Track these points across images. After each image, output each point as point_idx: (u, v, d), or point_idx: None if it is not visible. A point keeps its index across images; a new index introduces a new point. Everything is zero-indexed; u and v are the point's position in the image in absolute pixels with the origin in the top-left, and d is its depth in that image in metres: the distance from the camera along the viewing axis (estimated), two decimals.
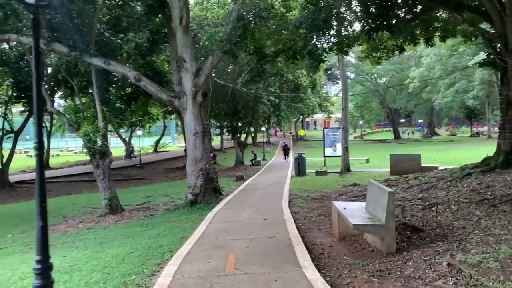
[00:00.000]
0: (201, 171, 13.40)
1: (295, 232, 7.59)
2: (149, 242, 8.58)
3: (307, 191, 14.30)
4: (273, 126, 59.35)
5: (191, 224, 10.36)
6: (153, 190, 21.83)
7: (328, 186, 15.53)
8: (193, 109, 13.39)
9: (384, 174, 18.18)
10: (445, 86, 49.94)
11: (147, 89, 13.55)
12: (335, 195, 13.00)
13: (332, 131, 27.30)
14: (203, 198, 13.33)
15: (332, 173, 20.23)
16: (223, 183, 20.69)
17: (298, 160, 20.13)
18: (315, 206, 11.03)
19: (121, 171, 36.81)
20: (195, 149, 13.46)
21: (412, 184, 11.60)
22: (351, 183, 15.62)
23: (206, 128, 13.61)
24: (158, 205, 15.81)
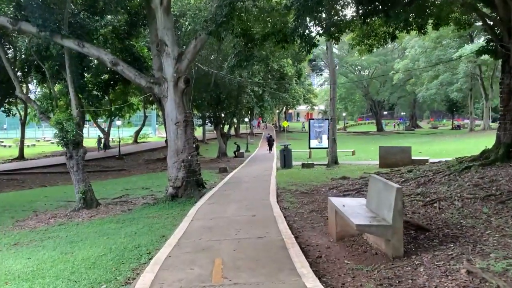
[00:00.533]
0: (182, 163, 12.55)
1: (287, 231, 6.86)
2: (125, 241, 7.74)
3: (294, 184, 13.60)
4: (256, 117, 58.59)
5: (172, 220, 9.56)
6: (132, 183, 20.86)
7: (316, 179, 14.88)
8: (175, 97, 12.49)
9: (372, 166, 17.63)
10: (429, 78, 49.88)
11: (124, 75, 12.57)
12: (325, 189, 12.33)
13: (318, 123, 26.71)
14: (185, 192, 12.50)
15: (319, 166, 19.61)
16: (206, 175, 19.86)
17: (284, 152, 19.42)
18: (305, 201, 10.33)
19: (99, 162, 35.59)
20: (177, 140, 12.58)
21: (407, 177, 11.00)
22: (340, 176, 15.00)
23: (188, 117, 12.74)
24: (136, 198, 14.91)
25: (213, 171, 22.17)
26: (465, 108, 69.89)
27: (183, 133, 12.58)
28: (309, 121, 26.74)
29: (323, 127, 26.42)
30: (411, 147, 16.89)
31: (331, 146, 18.63)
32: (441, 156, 21.84)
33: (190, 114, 12.89)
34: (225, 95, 27.74)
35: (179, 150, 12.59)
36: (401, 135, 61.02)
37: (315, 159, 25.16)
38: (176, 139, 12.59)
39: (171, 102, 12.54)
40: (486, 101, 47.34)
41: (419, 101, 61.24)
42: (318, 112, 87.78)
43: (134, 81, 12.68)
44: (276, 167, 19.95)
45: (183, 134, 12.58)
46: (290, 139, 53.28)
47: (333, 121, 18.75)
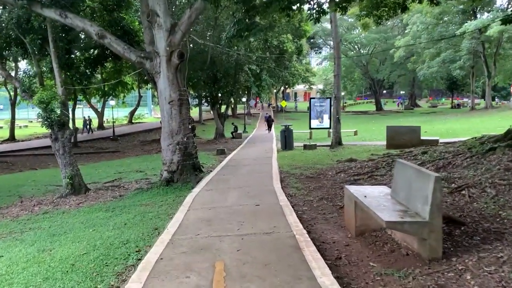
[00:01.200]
0: (178, 146, 11.58)
1: (297, 225, 5.95)
2: (113, 235, 6.83)
3: (298, 167, 12.69)
4: (253, 97, 57.41)
5: (167, 209, 8.66)
6: (126, 165, 19.91)
7: (321, 161, 13.96)
8: (168, 73, 11.42)
9: (380, 147, 16.71)
10: (430, 56, 48.63)
11: (112, 48, 11.45)
12: (332, 172, 11.42)
13: (319, 102, 25.67)
14: (181, 177, 11.56)
15: (322, 147, 18.68)
16: (202, 157, 18.91)
17: (284, 132, 18.44)
18: (313, 187, 9.41)
19: (92, 144, 34.62)
20: (171, 120, 11.58)
21: (423, 160, 10.07)
22: (346, 158, 14.09)
23: (183, 96, 11.71)
24: (130, 182, 13.99)
25: (210, 153, 21.23)
26: (465, 86, 68.88)
27: (178, 113, 11.57)
28: (310, 100, 25.70)
29: (325, 106, 25.41)
30: (420, 127, 15.95)
31: (334, 126, 17.66)
32: (448, 136, 20.95)
33: (185, 92, 11.84)
34: (222, 73, 26.58)
35: (174, 131, 11.59)
36: (401, 114, 60.07)
37: (316, 139, 24.22)
38: (170, 120, 11.58)
39: (164, 79, 11.48)
40: (488, 79, 46.29)
41: (419, 79, 60.02)
42: (316, 92, 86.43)
43: (123, 56, 11.57)
44: (277, 149, 19.00)
45: (178, 114, 11.57)
46: (288, 119, 52.25)
47: (337, 99, 17.75)
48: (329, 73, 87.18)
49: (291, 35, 28.18)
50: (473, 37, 42.01)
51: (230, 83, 26.84)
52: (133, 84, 46.50)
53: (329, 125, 25.40)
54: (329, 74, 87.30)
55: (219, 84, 26.61)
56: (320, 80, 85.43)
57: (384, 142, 18.37)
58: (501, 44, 44.29)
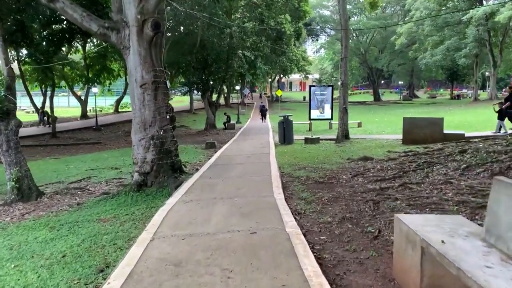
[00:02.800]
0: (152, 141, 9.17)
1: (320, 280, 3.60)
2: (34, 280, 4.51)
3: (302, 167, 10.33)
4: (247, 86, 54.91)
5: (129, 228, 6.35)
6: (102, 160, 17.48)
7: (328, 159, 11.62)
8: (139, 48, 8.98)
9: (394, 142, 14.41)
10: (433, 43, 46.28)
11: (67, 16, 8.95)
12: (346, 175, 9.09)
13: (320, 90, 23.21)
14: (156, 180, 9.19)
15: (326, 141, 16.35)
16: (189, 152, 16.53)
17: (283, 124, 16.06)
18: (326, 198, 7.07)
19: (73, 134, 32.00)
20: (143, 108, 9.16)
21: (468, 162, 7.77)
22: (358, 155, 11.78)
23: (159, 78, 9.27)
24: (99, 183, 11.63)
25: (198, 146, 18.85)
26: (466, 77, 66.82)
27: (152, 99, 9.15)
28: (310, 88, 23.27)
29: (326, 95, 22.97)
30: (443, 119, 13.64)
31: (341, 117, 15.29)
32: (465, 128, 18.67)
33: (162, 73, 9.40)
34: (213, 57, 24.05)
35: (147, 122, 9.18)
36: (399, 105, 57.92)
37: (316, 132, 21.90)
38: (142, 108, 9.16)
39: (135, 56, 9.04)
40: (494, 68, 44.08)
41: (421, 68, 57.69)
42: (312, 81, 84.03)
43: (81, 25, 9.06)
44: (274, 143, 16.64)
45: (152, 101, 9.15)
46: (284, 110, 49.86)
47: (344, 86, 15.35)
48: (325, 62, 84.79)
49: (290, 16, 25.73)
50: (480, 23, 39.70)
51: (222, 69, 24.34)
52: (120, 70, 43.86)
53: (331, 116, 23.02)
54: (326, 63, 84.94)
55: (210, 70, 24.10)
56: (315, 69, 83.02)
57: (396, 136, 16.12)
58: (507, 33, 42.08)
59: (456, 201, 5.90)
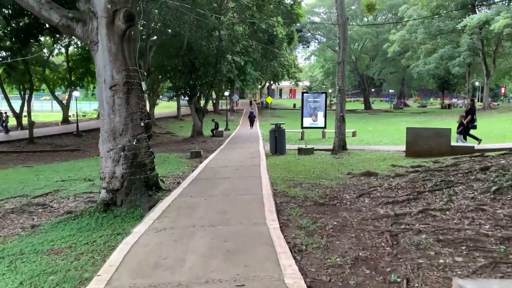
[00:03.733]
0: (123, 152, 7.79)
1: None
2: None
3: (298, 184, 9.01)
4: (236, 92, 53.70)
5: (84, 265, 5.06)
6: (77, 170, 15.96)
7: (326, 173, 10.32)
8: (109, 43, 7.62)
9: (395, 154, 13.20)
10: (426, 52, 45.59)
11: (22, 2, 7.55)
12: (349, 195, 7.81)
13: (313, 97, 22.06)
14: (127, 198, 7.80)
15: (321, 151, 15.06)
16: (171, 162, 15.13)
17: (275, 133, 14.75)
18: (331, 227, 5.76)
19: (52, 140, 30.28)
20: (113, 114, 7.78)
21: (498, 183, 6.51)
22: (359, 169, 10.53)
23: (132, 78, 7.90)
24: (66, 198, 10.15)
25: (183, 155, 17.45)
26: (457, 86, 66.52)
27: (124, 104, 7.78)
28: (302, 95, 22.10)
29: (319, 102, 21.84)
30: (450, 130, 12.48)
31: (338, 126, 14.02)
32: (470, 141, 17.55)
33: (136, 73, 8.04)
34: (201, 61, 22.71)
35: (117, 130, 7.80)
36: (390, 113, 57.22)
37: (309, 141, 20.65)
38: (112, 113, 7.78)
39: (104, 53, 7.67)
40: (487, 78, 43.48)
41: (411, 77, 57.05)
42: (303, 88, 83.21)
43: (39, 14, 7.65)
44: (265, 152, 15.33)
45: (124, 105, 7.78)
46: (275, 117, 48.67)
47: (342, 92, 14.09)
48: (315, 70, 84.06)
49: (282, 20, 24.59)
50: (474, 32, 39.06)
51: (210, 73, 22.99)
52: None
53: (324, 124, 21.89)
54: (316, 71, 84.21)
55: (197, 74, 22.74)
56: (305, 77, 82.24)
57: (396, 147, 14.95)
58: (500, 42, 41.55)
59: (499, 238, 4.63)
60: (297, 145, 17.49)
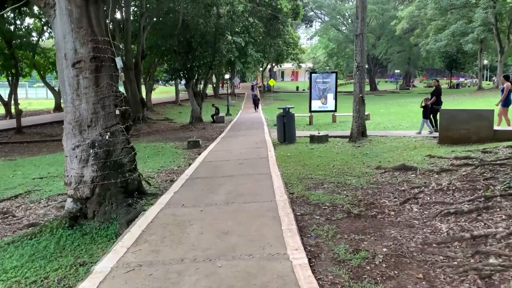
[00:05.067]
0: (92, 149, 5.95)
1: None
2: None
3: (319, 183, 7.16)
4: (237, 75, 51.57)
5: None
6: (59, 164, 14.16)
7: (350, 168, 8.47)
8: (69, 5, 5.72)
9: (425, 141, 11.33)
10: (435, 29, 43.21)
11: None
12: (389, 199, 5.99)
13: (322, 77, 20.07)
14: (100, 209, 5.99)
15: (336, 139, 13.19)
16: (166, 153, 13.32)
17: (283, 118, 12.85)
18: (383, 260, 3.93)
19: (42, 129, 28.50)
20: (78, 100, 5.92)
21: None
22: (388, 161, 8.70)
23: (103, 52, 6.02)
24: (36, 202, 8.43)
25: (179, 144, 15.62)
26: (465, 65, 64.20)
27: (92, 86, 5.91)
28: (310, 75, 20.12)
29: (329, 83, 19.88)
30: (493, 111, 10.57)
31: (356, 109, 12.08)
32: None
33: (108, 45, 6.14)
34: (198, 40, 20.67)
35: (84, 121, 5.96)
36: (397, 94, 55.16)
37: (319, 126, 18.77)
38: (76, 99, 5.92)
39: (63, 18, 5.78)
40: (501, 55, 41.18)
41: (418, 56, 54.68)
42: (305, 71, 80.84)
43: None
44: (272, 141, 13.48)
45: (92, 88, 5.91)
46: (277, 100, 46.68)
47: (361, 70, 12.04)
48: (318, 51, 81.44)
49: None
50: (488, 6, 36.67)
51: (209, 53, 20.96)
52: None
53: (334, 107, 19.97)
54: (318, 52, 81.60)
55: (194, 54, 20.71)
56: (307, 58, 79.72)
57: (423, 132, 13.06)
58: None
59: None
60: (306, 132, 15.63)
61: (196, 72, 21.86)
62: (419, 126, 13.16)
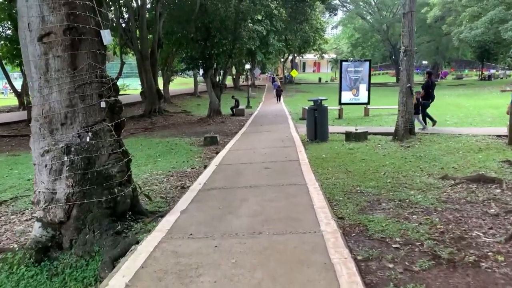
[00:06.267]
0: (67, 156, 4.30)
1: None
2: None
3: (374, 201, 5.37)
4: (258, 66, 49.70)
5: None
6: None
7: (407, 177, 6.62)
8: None
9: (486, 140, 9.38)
10: (470, 16, 40.32)
11: None
12: (483, 230, 4.17)
13: (353, 66, 18.08)
14: (79, 237, 4.35)
15: (376, 136, 11.32)
16: (179, 151, 11.69)
17: (314, 112, 11.03)
18: None
19: None
20: (47, 88, 4.27)
21: None
22: (453, 168, 6.84)
23: (81, 21, 4.34)
24: (20, 214, 7.00)
25: (195, 140, 14.01)
26: (498, 55, 60.75)
27: (66, 68, 4.24)
28: (341, 64, 18.19)
29: (361, 72, 17.91)
30: None
31: (403, 102, 10.11)
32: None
33: (88, 12, 4.45)
34: (216, 26, 18.92)
35: (56, 117, 4.30)
36: None
37: (350, 120, 16.91)
38: (45, 86, 4.26)
39: None
40: None
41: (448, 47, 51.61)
42: (328, 62, 78.35)
43: None
44: (301, 138, 11.70)
45: (67, 70, 4.24)
46: (300, 92, 44.69)
47: (410, 55, 10.04)
48: (341, 41, 78.73)
49: None
50: None
51: (228, 40, 19.22)
52: (115, 48, 38.92)
53: (367, 99, 18.01)
54: (341, 42, 78.88)
55: (212, 41, 18.97)
56: (330, 48, 77.12)
57: (478, 129, 11.10)
58: None
59: None
60: (338, 127, 13.82)
61: (215, 61, 20.15)
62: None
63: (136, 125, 22.09)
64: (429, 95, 12.54)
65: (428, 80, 13.03)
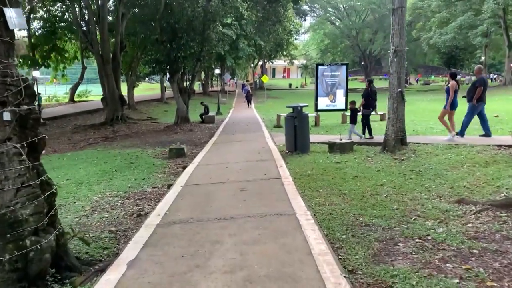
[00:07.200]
0: None
1: None
2: None
3: (388, 240, 4.13)
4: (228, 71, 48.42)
5: None
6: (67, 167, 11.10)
7: (415, 202, 5.42)
8: None
9: (487, 151, 8.36)
10: (439, 22, 40.49)
11: None
12: None
13: (330, 70, 17.02)
14: None
15: (363, 147, 10.17)
16: (140, 165, 10.15)
17: (294, 120, 9.79)
18: None
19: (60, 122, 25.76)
20: None
21: None
22: (465, 187, 5.73)
23: None
24: None
25: (160, 151, 12.51)
26: (464, 62, 61.92)
27: None
28: (317, 68, 17.10)
29: (339, 77, 16.88)
30: None
31: (393, 108, 8.96)
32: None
33: None
34: (183, 26, 17.48)
35: None
36: None
37: (326, 127, 15.84)
38: None
39: None
40: (508, 49, 38.66)
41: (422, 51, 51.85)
42: (298, 67, 77.94)
43: None
44: (278, 149, 10.43)
45: None
46: (271, 98, 43.67)
47: (400, 56, 8.92)
48: (310, 46, 78.45)
49: None
50: None
51: (196, 42, 17.81)
52: (77, 52, 36.73)
53: (345, 105, 16.97)
54: (311, 47, 78.59)
55: (179, 43, 17.50)
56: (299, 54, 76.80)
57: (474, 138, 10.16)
58: None
59: None
60: (316, 136, 12.65)
61: (182, 64, 18.67)
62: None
63: (96, 134, 20.31)
64: (369, 104, 12.11)
65: (368, 88, 12.49)
